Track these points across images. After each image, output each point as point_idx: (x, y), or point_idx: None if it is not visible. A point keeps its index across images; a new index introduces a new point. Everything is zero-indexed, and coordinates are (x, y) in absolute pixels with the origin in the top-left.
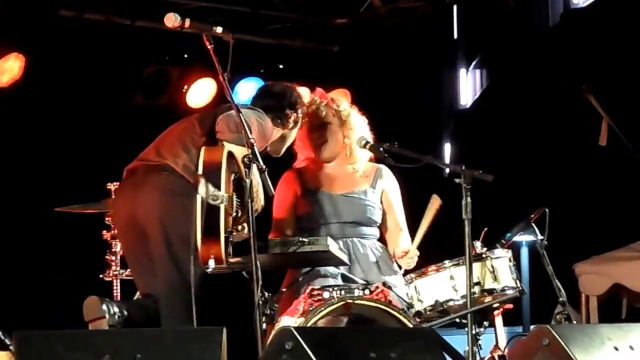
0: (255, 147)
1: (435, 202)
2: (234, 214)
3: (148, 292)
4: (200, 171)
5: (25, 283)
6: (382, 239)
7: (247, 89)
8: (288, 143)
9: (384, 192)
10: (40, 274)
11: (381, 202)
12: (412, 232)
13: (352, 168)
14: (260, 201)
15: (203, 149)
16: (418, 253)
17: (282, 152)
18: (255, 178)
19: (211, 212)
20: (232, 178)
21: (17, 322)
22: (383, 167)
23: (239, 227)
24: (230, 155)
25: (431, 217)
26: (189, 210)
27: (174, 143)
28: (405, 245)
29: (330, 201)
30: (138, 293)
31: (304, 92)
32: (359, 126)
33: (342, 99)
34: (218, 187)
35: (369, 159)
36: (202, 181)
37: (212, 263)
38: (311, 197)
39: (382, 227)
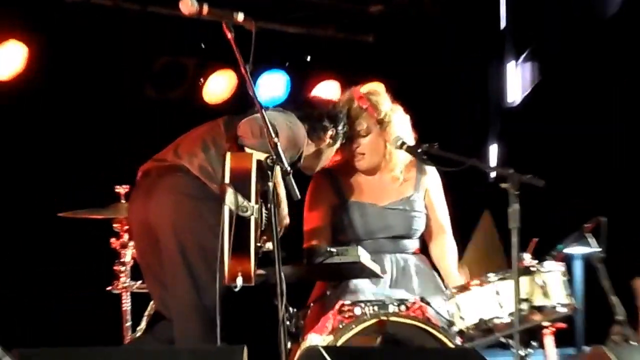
0: (279, 147)
1: (486, 220)
2: (263, 227)
3: (162, 312)
4: (227, 179)
5: (25, 295)
6: (422, 241)
7: (270, 83)
8: (324, 162)
9: (427, 191)
10: (43, 286)
11: (425, 205)
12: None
13: (393, 176)
14: (285, 218)
15: (229, 154)
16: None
17: (316, 170)
18: (281, 194)
19: (240, 224)
20: (260, 189)
21: (18, 338)
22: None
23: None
24: (259, 164)
25: (483, 236)
26: (204, 215)
27: (193, 142)
28: (455, 276)
29: (370, 215)
30: (152, 304)
31: (333, 88)
32: (400, 128)
33: (381, 97)
34: (248, 197)
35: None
36: (230, 191)
37: (239, 281)
38: (347, 209)
39: (424, 231)
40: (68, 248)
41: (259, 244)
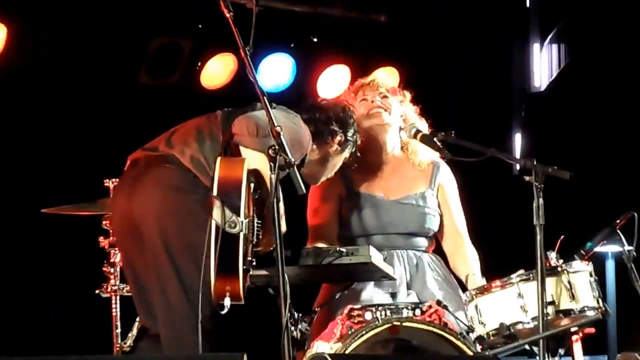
0: (282, 137)
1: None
2: (255, 240)
3: (155, 330)
4: (215, 191)
5: (6, 299)
6: (437, 247)
7: (274, 66)
8: (330, 170)
9: (440, 188)
10: (24, 289)
11: (438, 204)
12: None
13: (413, 161)
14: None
15: (219, 159)
16: None
17: (321, 180)
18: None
19: (228, 241)
20: (252, 192)
21: None
22: (440, 161)
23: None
24: (253, 171)
25: None
26: (193, 210)
27: (187, 132)
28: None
29: (380, 208)
30: (138, 320)
31: (343, 70)
32: (409, 112)
33: (384, 81)
34: (237, 211)
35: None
36: (218, 204)
37: (227, 301)
38: (356, 201)
39: (438, 233)
40: (52, 247)
41: (249, 258)
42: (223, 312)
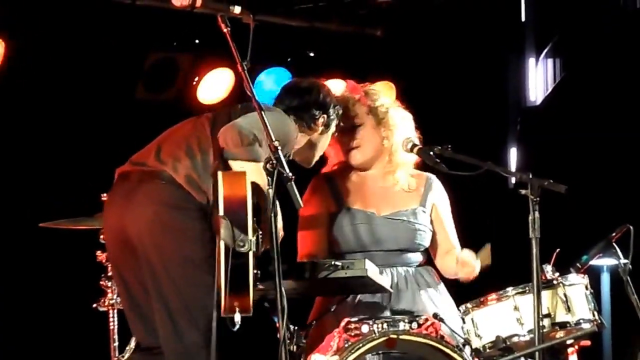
0: (280, 152)
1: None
2: (259, 252)
3: (148, 344)
4: (221, 211)
5: (3, 313)
6: (429, 261)
7: (270, 81)
8: (320, 151)
9: (434, 206)
10: (22, 303)
11: (431, 221)
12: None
13: (394, 179)
14: (279, 231)
15: (221, 175)
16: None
17: (314, 161)
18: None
19: (238, 260)
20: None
21: None
22: (432, 177)
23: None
24: (254, 184)
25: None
26: (188, 226)
27: (177, 146)
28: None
29: (371, 224)
30: (133, 340)
31: (338, 86)
32: (401, 125)
33: (381, 91)
34: (245, 230)
35: (414, 164)
36: (226, 224)
37: (238, 317)
38: (346, 217)
39: (431, 247)
40: (50, 261)
41: (255, 271)
42: (235, 329)
